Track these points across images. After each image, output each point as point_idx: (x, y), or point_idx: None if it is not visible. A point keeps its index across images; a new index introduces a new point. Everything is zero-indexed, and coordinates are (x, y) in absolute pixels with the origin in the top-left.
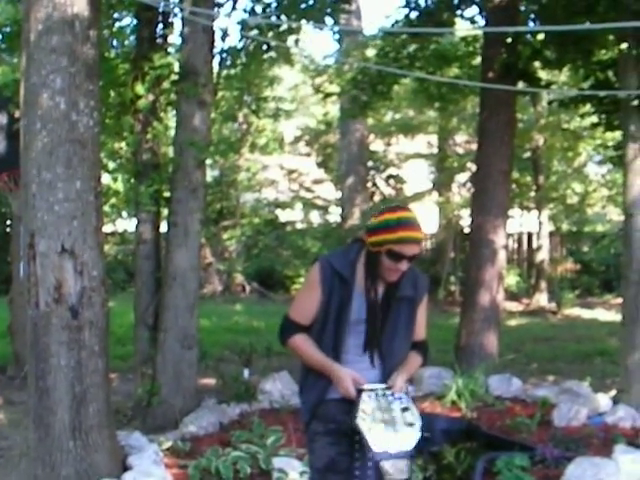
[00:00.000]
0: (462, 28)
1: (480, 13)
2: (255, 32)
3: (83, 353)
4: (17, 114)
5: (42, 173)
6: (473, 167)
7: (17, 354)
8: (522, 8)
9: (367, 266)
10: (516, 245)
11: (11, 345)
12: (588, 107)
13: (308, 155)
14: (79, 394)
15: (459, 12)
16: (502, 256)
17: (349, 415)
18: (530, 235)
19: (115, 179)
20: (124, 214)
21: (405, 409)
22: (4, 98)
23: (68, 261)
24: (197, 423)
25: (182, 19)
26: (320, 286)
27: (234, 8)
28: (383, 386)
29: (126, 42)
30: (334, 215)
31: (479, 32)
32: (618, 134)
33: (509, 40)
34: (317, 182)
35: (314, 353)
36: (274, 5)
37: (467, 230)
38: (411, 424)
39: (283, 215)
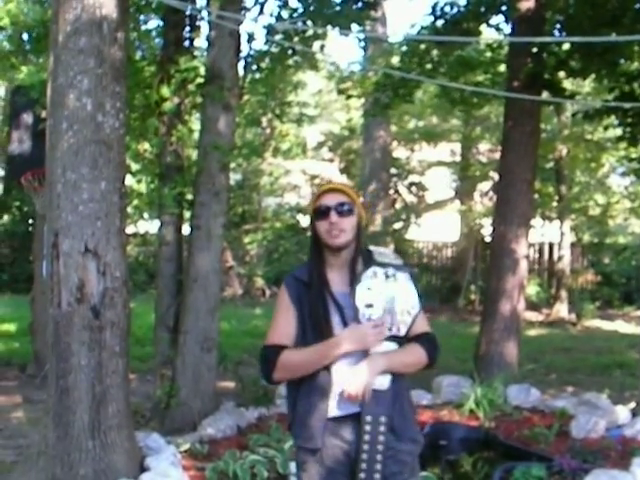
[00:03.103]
0: (487, 38)
1: (506, 21)
2: (281, 37)
3: (104, 353)
4: (43, 114)
5: (67, 173)
6: (496, 176)
7: (37, 353)
8: (548, 17)
9: (314, 252)
10: (537, 255)
11: (31, 344)
12: (612, 119)
13: (331, 161)
14: (99, 394)
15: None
16: (523, 266)
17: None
18: (551, 245)
19: (139, 181)
20: (146, 215)
21: None
22: (30, 98)
23: (91, 261)
24: (215, 426)
25: (209, 22)
26: (290, 300)
27: (261, 12)
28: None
29: (152, 44)
30: None
31: (504, 41)
32: None
33: (535, 49)
34: None
35: (306, 350)
36: (300, 10)
37: (488, 239)
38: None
39: (305, 220)
